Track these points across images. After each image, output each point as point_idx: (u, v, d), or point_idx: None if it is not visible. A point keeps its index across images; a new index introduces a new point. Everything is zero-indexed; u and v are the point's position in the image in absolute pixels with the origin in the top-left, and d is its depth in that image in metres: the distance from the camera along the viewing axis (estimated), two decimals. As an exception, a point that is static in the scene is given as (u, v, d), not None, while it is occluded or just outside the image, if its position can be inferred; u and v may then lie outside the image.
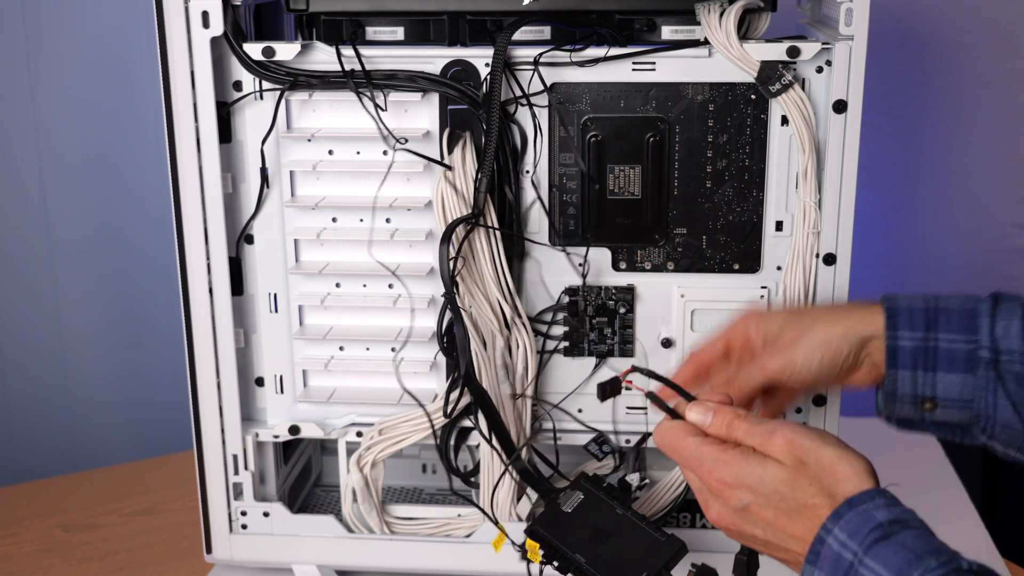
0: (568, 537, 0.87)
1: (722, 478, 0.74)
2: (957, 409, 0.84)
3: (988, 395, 0.82)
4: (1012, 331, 0.82)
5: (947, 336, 0.83)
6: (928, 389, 0.84)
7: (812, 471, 0.72)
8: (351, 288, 1.03)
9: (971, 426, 0.84)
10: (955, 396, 0.83)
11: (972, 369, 0.82)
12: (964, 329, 0.83)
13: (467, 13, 0.98)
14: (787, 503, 0.72)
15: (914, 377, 0.84)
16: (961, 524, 1.20)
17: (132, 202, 1.48)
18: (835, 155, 0.94)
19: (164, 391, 1.52)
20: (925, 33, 1.41)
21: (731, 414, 0.77)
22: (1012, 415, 0.82)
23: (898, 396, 0.85)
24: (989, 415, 0.83)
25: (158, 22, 0.94)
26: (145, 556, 1.19)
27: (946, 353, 0.83)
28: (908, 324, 0.84)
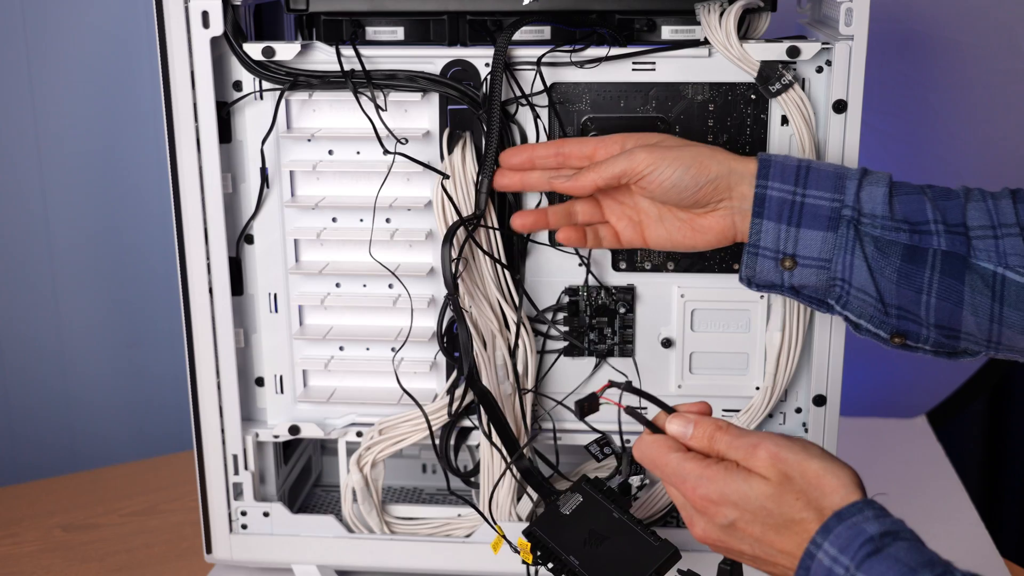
0: (564, 539, 0.87)
1: (706, 495, 0.74)
2: (815, 269, 0.85)
3: (846, 255, 0.84)
4: (876, 197, 0.84)
5: (815, 192, 0.85)
6: (790, 245, 0.85)
7: (798, 485, 0.71)
8: (351, 288, 1.03)
9: (827, 291, 0.86)
10: (815, 254, 0.85)
11: (834, 227, 0.84)
12: (831, 188, 0.85)
13: (467, 13, 0.98)
14: (774, 519, 0.71)
15: (777, 229, 0.85)
16: (961, 524, 1.20)
17: (132, 202, 1.48)
18: (835, 155, 0.94)
19: (164, 391, 1.52)
20: (925, 33, 1.41)
21: (712, 426, 0.76)
22: (867, 278, 0.84)
23: (760, 248, 0.86)
24: (845, 278, 0.84)
25: (158, 22, 0.94)
26: (145, 556, 1.19)
27: (811, 209, 0.84)
28: (779, 176, 0.85)
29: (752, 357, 1.01)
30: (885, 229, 0.83)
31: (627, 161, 0.87)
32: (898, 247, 0.83)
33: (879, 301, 0.84)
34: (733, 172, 0.86)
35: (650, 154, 0.86)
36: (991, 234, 0.83)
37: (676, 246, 0.90)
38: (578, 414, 0.85)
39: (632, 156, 0.87)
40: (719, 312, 0.99)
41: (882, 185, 0.84)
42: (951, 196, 0.85)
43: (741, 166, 0.86)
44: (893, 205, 0.84)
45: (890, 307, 0.84)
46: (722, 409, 1.02)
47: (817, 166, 0.86)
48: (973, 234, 0.83)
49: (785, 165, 0.86)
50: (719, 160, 0.86)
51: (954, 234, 0.83)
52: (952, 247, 0.83)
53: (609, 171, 0.87)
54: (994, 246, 0.83)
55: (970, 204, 0.84)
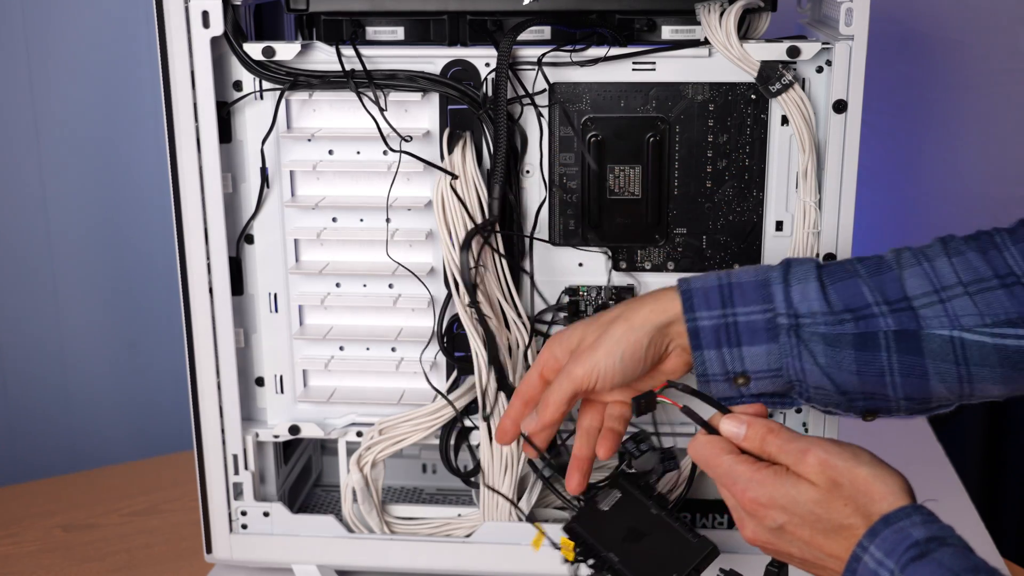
0: (603, 535, 0.87)
1: (756, 498, 0.74)
2: (769, 379, 0.83)
3: (794, 361, 0.82)
4: (810, 294, 0.82)
5: (744, 309, 0.83)
6: (737, 364, 0.83)
7: (847, 491, 0.72)
8: (351, 288, 1.03)
9: (788, 392, 0.85)
10: (763, 367, 0.83)
11: (774, 337, 0.82)
12: (759, 300, 0.83)
13: (467, 13, 0.98)
14: (822, 523, 0.72)
15: (720, 355, 0.83)
16: (961, 524, 1.19)
17: (132, 202, 1.48)
18: (835, 155, 0.94)
19: (164, 391, 1.52)
20: (925, 33, 1.41)
21: (764, 428, 0.77)
22: (820, 376, 0.82)
23: (710, 376, 0.84)
24: (800, 379, 0.83)
25: (158, 22, 0.94)
26: (145, 556, 1.19)
27: (746, 326, 0.83)
28: (704, 304, 0.83)
29: None
30: (829, 324, 0.81)
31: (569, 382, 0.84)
32: (847, 338, 0.81)
33: (840, 393, 0.83)
34: (660, 314, 0.84)
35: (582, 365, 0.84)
36: (936, 299, 0.81)
37: None
38: (635, 411, 0.85)
39: (569, 374, 0.85)
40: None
41: (811, 280, 0.83)
42: (883, 269, 0.83)
43: (663, 315, 0.84)
44: (829, 297, 0.82)
45: (854, 395, 0.83)
46: (722, 409, 1.02)
47: (739, 280, 0.84)
48: (918, 303, 0.82)
49: (706, 290, 0.84)
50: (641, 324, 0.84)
51: (899, 311, 0.82)
52: (901, 324, 0.81)
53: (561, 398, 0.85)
54: (943, 311, 0.81)
55: (905, 273, 0.83)
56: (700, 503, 1.08)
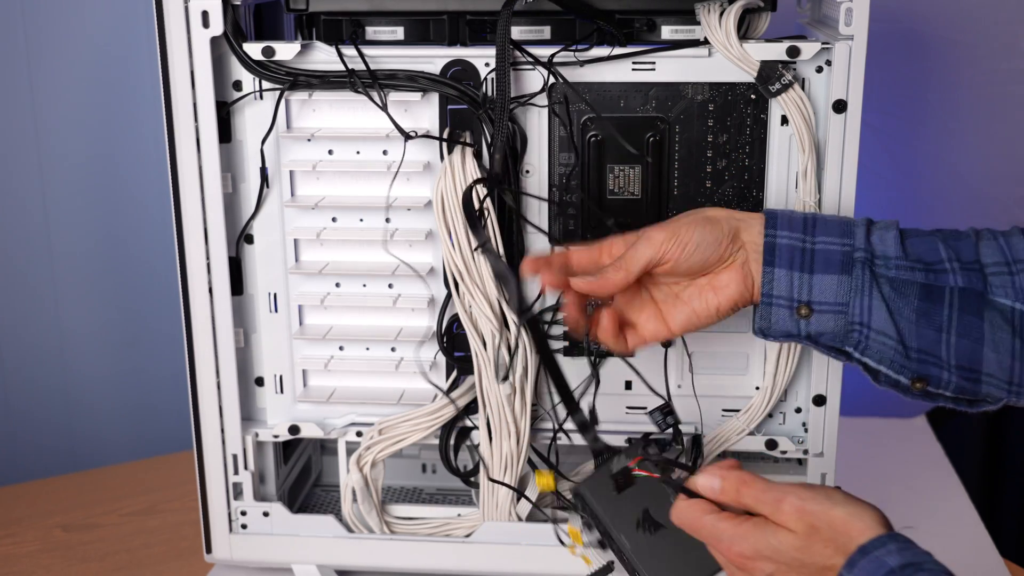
0: (615, 513, 0.85)
1: (741, 552, 0.75)
2: (832, 315, 0.84)
3: (864, 297, 0.83)
4: (888, 240, 0.84)
5: (824, 239, 0.84)
6: (804, 292, 0.84)
7: (825, 534, 0.73)
8: (351, 288, 1.03)
9: (845, 338, 0.84)
10: (831, 299, 0.83)
11: (847, 270, 0.83)
12: (840, 233, 0.84)
13: (467, 13, 0.98)
14: (807, 568, 0.73)
15: (790, 277, 0.84)
16: (961, 524, 1.20)
17: (132, 202, 1.48)
18: (835, 155, 0.94)
19: (164, 391, 1.52)
20: (925, 33, 1.41)
21: (738, 480, 0.78)
22: (886, 319, 0.82)
23: (774, 298, 0.84)
24: (864, 321, 0.83)
25: (158, 22, 0.94)
26: (145, 556, 1.19)
27: (823, 254, 0.84)
28: (787, 225, 0.85)
29: (752, 357, 1.01)
30: (900, 269, 0.83)
31: (649, 245, 0.85)
32: (915, 287, 0.83)
33: (900, 343, 0.83)
34: (740, 220, 0.86)
35: (664, 229, 0.85)
36: (1006, 270, 0.83)
37: (698, 319, 0.88)
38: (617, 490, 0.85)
39: (650, 238, 0.85)
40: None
41: (891, 229, 0.84)
42: (961, 236, 0.85)
43: (746, 216, 0.86)
44: (906, 246, 0.84)
45: (911, 349, 0.83)
46: (722, 409, 1.02)
47: (823, 216, 0.86)
48: (988, 271, 0.83)
49: (791, 217, 0.85)
50: (725, 215, 0.86)
51: (970, 271, 0.83)
52: (969, 283, 0.83)
53: (638, 260, 0.85)
54: (1010, 282, 0.82)
55: (982, 243, 0.84)
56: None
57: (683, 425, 1.02)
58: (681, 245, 0.84)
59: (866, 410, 1.42)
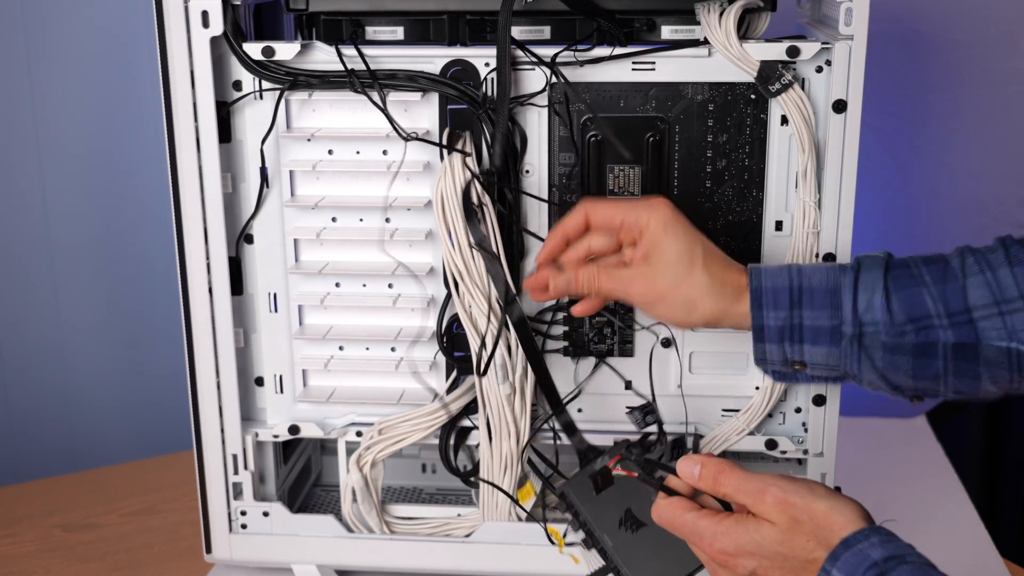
0: (598, 512, 0.86)
1: (723, 548, 0.76)
2: (825, 369, 0.88)
3: (852, 363, 0.86)
4: (875, 304, 0.85)
5: (811, 314, 0.86)
6: (797, 355, 0.88)
7: (807, 527, 0.74)
8: (351, 288, 1.03)
9: (841, 379, 0.90)
10: (822, 363, 0.87)
11: (836, 342, 0.86)
12: (827, 306, 0.86)
13: (467, 13, 0.98)
14: (790, 562, 0.74)
15: (781, 348, 0.87)
16: (961, 524, 1.20)
17: (132, 202, 1.48)
18: (835, 155, 0.94)
19: (164, 391, 1.52)
20: (925, 33, 1.41)
21: (716, 467, 0.79)
22: (876, 378, 0.86)
23: (768, 363, 0.89)
24: (856, 375, 0.87)
25: (158, 22, 0.94)
26: (145, 556, 1.19)
27: (811, 330, 0.86)
28: (773, 304, 0.87)
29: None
30: (890, 335, 0.84)
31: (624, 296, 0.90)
32: (907, 347, 0.84)
33: (892, 388, 0.87)
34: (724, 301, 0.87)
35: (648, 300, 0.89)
36: (995, 312, 0.83)
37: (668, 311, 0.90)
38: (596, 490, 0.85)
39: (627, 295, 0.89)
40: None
41: (878, 289, 0.85)
42: (948, 277, 0.85)
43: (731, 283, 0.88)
44: (892, 308, 0.84)
45: (906, 389, 0.87)
46: (722, 409, 1.02)
47: (809, 284, 0.87)
48: (978, 315, 0.83)
49: (777, 290, 0.87)
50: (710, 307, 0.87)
51: (959, 324, 0.84)
52: (960, 338, 0.84)
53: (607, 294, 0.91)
54: (1002, 324, 0.83)
55: (969, 281, 0.84)
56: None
57: (683, 424, 1.02)
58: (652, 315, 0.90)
59: (866, 410, 1.42)
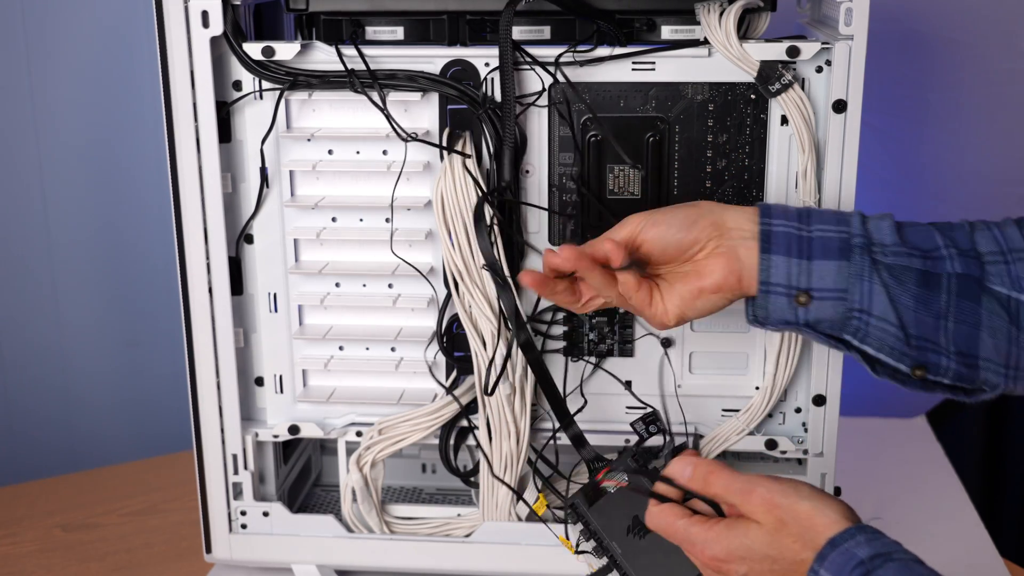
0: (607, 521, 0.86)
1: (715, 555, 0.77)
2: (832, 301, 0.83)
3: (863, 282, 0.82)
4: (883, 228, 0.84)
5: (820, 227, 0.84)
6: (803, 279, 0.83)
7: (793, 529, 0.74)
8: (351, 288, 1.03)
9: (844, 325, 0.83)
10: (830, 285, 0.83)
11: (846, 255, 0.83)
12: (835, 221, 0.84)
13: (467, 13, 0.98)
14: (779, 564, 0.75)
15: (788, 264, 0.83)
16: (961, 524, 1.20)
17: (132, 202, 1.48)
18: (835, 155, 0.94)
19: (164, 391, 1.52)
20: (925, 33, 1.41)
21: (706, 468, 0.79)
22: (886, 305, 0.82)
23: (771, 286, 0.83)
24: (864, 307, 0.82)
25: (158, 22, 0.94)
26: (145, 556, 1.19)
27: (820, 241, 0.83)
28: (782, 215, 0.85)
29: (752, 357, 1.01)
30: (898, 256, 0.83)
31: (626, 222, 0.87)
32: (912, 273, 0.83)
33: (900, 329, 0.82)
34: (727, 208, 0.86)
35: (642, 213, 0.87)
36: (1001, 259, 0.83)
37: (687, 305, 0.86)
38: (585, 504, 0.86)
39: (629, 218, 0.87)
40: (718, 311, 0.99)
41: (886, 219, 0.85)
42: (956, 227, 0.86)
43: (735, 206, 0.86)
44: (902, 234, 0.84)
45: (911, 336, 0.83)
46: (722, 409, 1.02)
47: (816, 208, 0.87)
48: (985, 259, 0.84)
49: (785, 208, 0.86)
50: (709, 203, 0.87)
51: (967, 257, 0.83)
52: (966, 269, 0.83)
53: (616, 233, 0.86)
54: (1006, 271, 0.83)
55: (976, 232, 0.85)
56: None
57: (683, 424, 1.02)
58: (654, 223, 0.85)
59: (866, 410, 1.42)
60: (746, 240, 0.84)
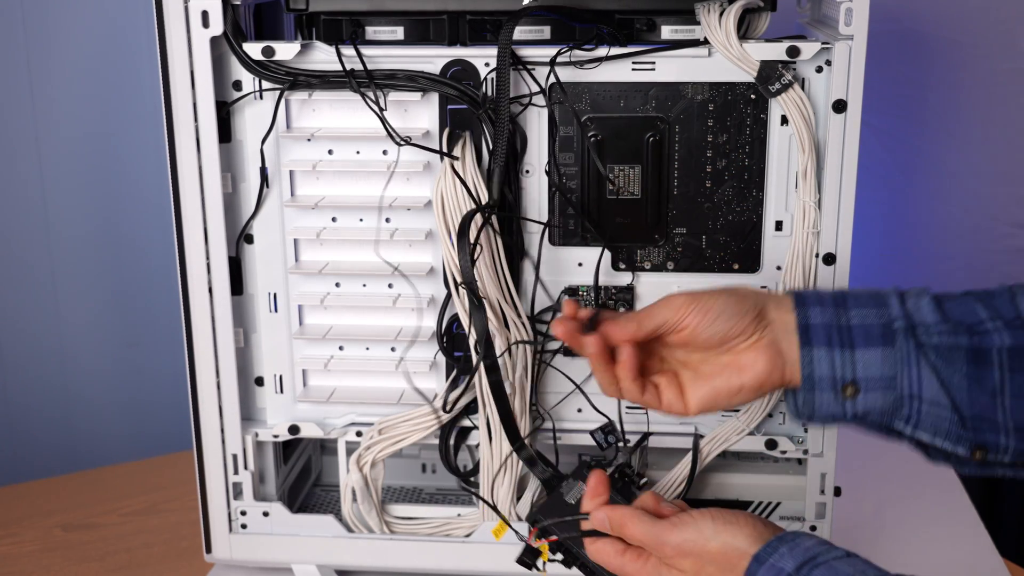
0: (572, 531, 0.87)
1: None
2: (880, 391, 0.79)
3: (911, 368, 0.78)
4: (923, 307, 0.80)
5: (859, 312, 0.80)
6: (848, 370, 0.79)
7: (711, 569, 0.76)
8: (351, 288, 1.03)
9: (894, 414, 0.80)
10: (876, 374, 0.79)
11: (890, 341, 0.79)
12: (874, 305, 0.80)
13: (467, 13, 0.98)
14: None
15: (831, 356, 0.79)
16: (961, 524, 1.20)
17: (132, 201, 1.49)
18: (835, 155, 0.94)
19: (164, 391, 1.52)
20: (925, 33, 1.41)
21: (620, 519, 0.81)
22: (937, 389, 0.78)
23: (816, 380, 0.79)
24: (914, 393, 0.79)
25: (158, 22, 0.94)
26: (145, 556, 1.19)
27: (861, 329, 0.79)
28: (817, 302, 0.81)
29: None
30: (943, 335, 0.78)
31: (667, 306, 0.81)
32: (961, 352, 0.78)
33: (954, 411, 0.78)
34: (769, 297, 0.82)
35: (686, 295, 0.82)
36: None
37: (719, 399, 0.83)
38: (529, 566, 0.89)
39: (670, 300, 0.82)
40: (719, 312, 0.99)
41: (924, 296, 0.80)
42: (995, 295, 0.81)
43: (775, 294, 0.83)
44: (943, 310, 0.79)
45: (966, 418, 0.78)
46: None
47: (852, 291, 0.82)
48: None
49: (820, 294, 0.82)
50: (751, 290, 0.83)
51: (1014, 328, 0.79)
52: (1016, 341, 0.78)
53: (652, 319, 0.82)
54: None
55: (1019, 298, 0.80)
56: (700, 503, 1.08)
57: (682, 425, 1.02)
58: (703, 311, 0.80)
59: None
60: (788, 334, 0.80)
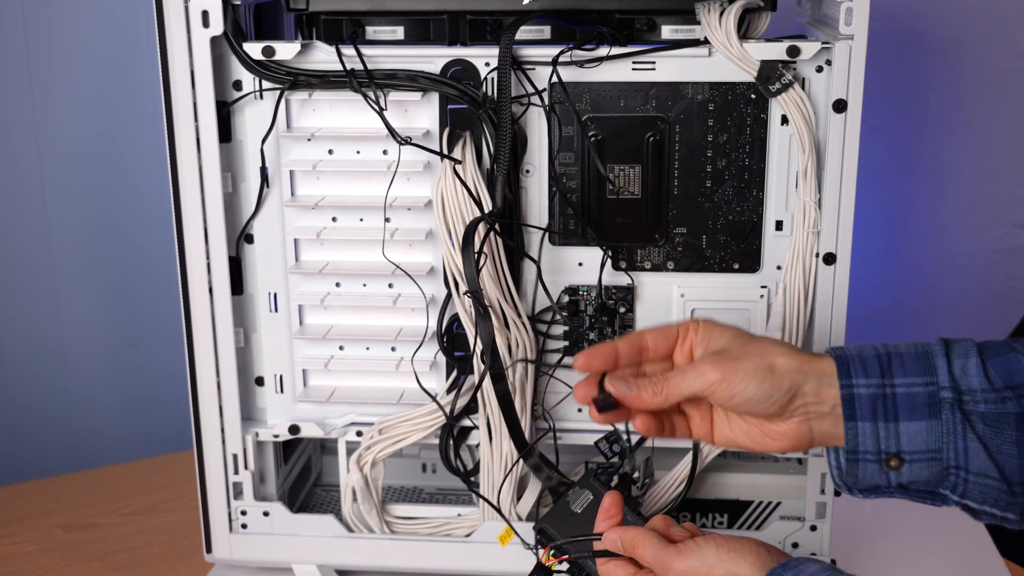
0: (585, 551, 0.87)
1: None
2: (925, 463, 0.77)
3: (956, 440, 0.76)
4: (970, 370, 0.77)
5: (904, 380, 0.78)
6: (892, 443, 0.78)
7: None
8: (351, 288, 1.03)
9: (940, 483, 0.78)
10: (922, 447, 0.77)
11: (936, 413, 0.77)
12: (920, 371, 0.78)
13: (467, 13, 0.98)
14: None
15: (875, 429, 0.77)
16: (961, 524, 1.20)
17: (132, 201, 1.49)
18: (835, 155, 0.94)
19: (164, 390, 1.52)
20: (925, 33, 1.41)
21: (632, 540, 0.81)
22: (985, 460, 0.76)
23: (860, 454, 0.78)
24: (960, 464, 0.77)
25: (158, 22, 0.94)
26: (145, 556, 1.19)
27: (906, 399, 0.77)
28: (862, 371, 0.78)
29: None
30: (990, 403, 0.76)
31: (697, 380, 0.79)
32: (1010, 418, 0.76)
33: (1003, 481, 0.76)
34: (807, 376, 0.78)
35: (719, 369, 0.79)
36: None
37: (742, 447, 0.83)
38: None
39: (702, 374, 0.79)
40: (719, 311, 0.99)
41: (972, 355, 0.77)
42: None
43: (814, 366, 0.79)
44: (989, 373, 0.77)
45: (1015, 485, 0.76)
46: (722, 409, 1.02)
47: (896, 350, 0.79)
48: None
49: (864, 357, 0.79)
50: (790, 366, 0.78)
51: None
52: None
53: (679, 392, 0.80)
54: None
55: None
56: (700, 503, 1.08)
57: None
58: (730, 393, 0.78)
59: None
60: (822, 414, 0.79)
